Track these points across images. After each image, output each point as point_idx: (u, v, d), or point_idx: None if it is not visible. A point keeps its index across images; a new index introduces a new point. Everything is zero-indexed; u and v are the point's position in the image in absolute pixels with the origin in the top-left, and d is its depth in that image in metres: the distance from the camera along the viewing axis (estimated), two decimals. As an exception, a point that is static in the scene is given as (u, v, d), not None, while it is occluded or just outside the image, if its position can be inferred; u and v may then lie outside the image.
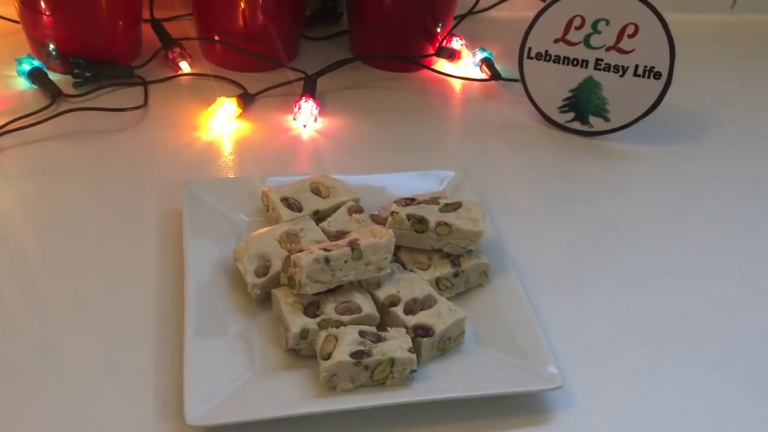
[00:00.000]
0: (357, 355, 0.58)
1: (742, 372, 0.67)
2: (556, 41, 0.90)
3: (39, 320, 0.64)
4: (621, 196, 0.85)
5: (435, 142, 0.92)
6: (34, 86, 0.90)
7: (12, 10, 0.94)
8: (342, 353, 0.58)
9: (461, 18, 1.06)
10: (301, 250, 0.63)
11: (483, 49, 1.03)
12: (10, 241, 0.71)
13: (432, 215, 0.68)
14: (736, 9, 1.24)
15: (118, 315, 0.65)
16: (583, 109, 0.92)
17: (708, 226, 0.82)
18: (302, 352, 0.61)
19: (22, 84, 0.91)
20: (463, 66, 1.04)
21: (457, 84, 1.02)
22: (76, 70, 0.91)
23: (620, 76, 0.89)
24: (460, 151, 0.92)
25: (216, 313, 0.64)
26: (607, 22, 0.87)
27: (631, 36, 0.87)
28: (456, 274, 0.68)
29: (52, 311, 0.65)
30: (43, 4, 0.88)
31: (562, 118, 0.93)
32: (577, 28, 0.89)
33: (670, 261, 0.77)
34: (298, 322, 0.61)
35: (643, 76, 0.89)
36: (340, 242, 0.64)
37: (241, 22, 0.94)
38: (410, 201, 0.70)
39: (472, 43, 1.05)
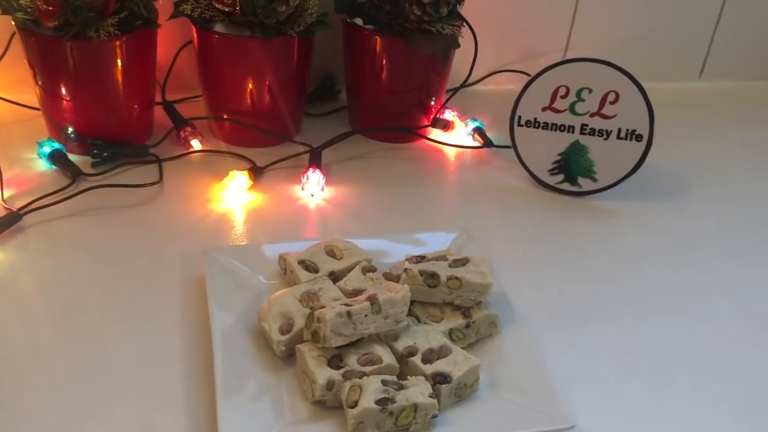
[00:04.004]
0: (382, 402, 0.61)
1: (741, 408, 0.71)
2: (543, 109, 0.97)
3: (77, 385, 0.67)
4: (611, 250, 0.91)
5: (434, 205, 0.98)
6: (54, 167, 0.95)
7: (32, 98, 1.00)
8: (368, 401, 0.61)
9: (455, 91, 1.13)
10: (322, 307, 0.67)
11: (474, 119, 1.10)
12: (38, 314, 0.75)
13: (443, 270, 0.73)
14: (703, 77, 1.34)
15: (150, 380, 0.68)
16: (571, 171, 0.99)
17: (693, 274, 0.88)
18: (328, 404, 0.65)
19: (42, 165, 0.96)
20: (456, 135, 1.11)
21: (451, 152, 1.09)
22: (95, 151, 0.96)
23: (604, 139, 0.96)
24: (457, 212, 0.98)
25: (243, 372, 0.67)
26: (590, 91, 0.95)
27: (612, 102, 0.95)
28: (467, 325, 0.72)
29: (85, 377, 0.68)
30: (63, 90, 0.94)
31: (553, 180, 1.00)
32: (563, 97, 0.96)
33: (661, 307, 0.83)
34: (324, 374, 0.64)
35: (626, 139, 0.96)
36: (359, 298, 0.68)
37: (248, 101, 1.01)
38: (421, 258, 0.75)
39: (464, 114, 1.12)
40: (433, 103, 1.08)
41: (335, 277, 0.77)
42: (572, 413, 0.64)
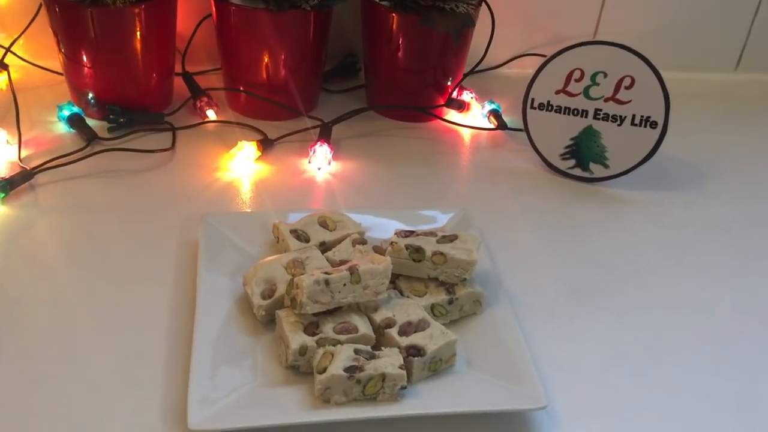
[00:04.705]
0: (350, 369, 0.62)
1: (729, 403, 0.69)
2: (557, 92, 0.96)
3: (62, 337, 0.69)
4: (617, 239, 0.89)
5: (443, 186, 0.97)
6: (73, 130, 0.98)
7: (57, 63, 1.03)
8: (336, 367, 0.62)
9: (471, 71, 1.12)
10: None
11: (491, 102, 1.09)
12: (42, 265, 0.77)
13: (429, 245, 0.72)
14: (740, 69, 1.29)
15: (134, 334, 0.70)
16: (583, 156, 0.97)
17: (700, 268, 0.85)
18: (301, 369, 0.65)
19: (61, 128, 0.99)
20: (472, 117, 1.09)
21: (465, 134, 1.08)
22: (111, 116, 0.99)
23: (618, 125, 0.94)
24: (466, 193, 0.97)
25: (223, 331, 0.68)
26: (605, 75, 0.93)
27: (627, 87, 0.92)
28: (450, 302, 0.71)
29: (74, 329, 0.70)
30: (84, 57, 0.97)
31: (564, 165, 0.98)
32: (577, 81, 0.94)
33: (662, 298, 0.80)
34: (297, 339, 0.65)
35: (640, 125, 0.93)
36: (341, 267, 0.68)
37: (264, 74, 1.02)
38: (409, 233, 0.75)
39: (482, 97, 1.11)
40: (449, 83, 1.07)
41: (325, 247, 0.77)
42: (545, 394, 0.63)
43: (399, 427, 0.63)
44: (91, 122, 0.99)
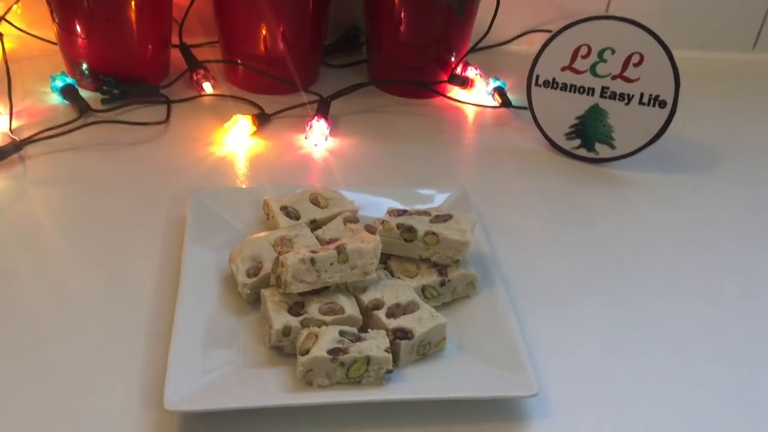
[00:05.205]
0: (334, 351, 0.60)
1: (729, 392, 0.66)
2: (563, 69, 0.92)
3: (45, 310, 0.68)
4: (621, 221, 0.86)
5: (443, 164, 0.94)
6: (66, 101, 0.96)
7: (52, 33, 1.01)
8: (319, 349, 0.60)
9: (474, 45, 1.09)
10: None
11: (496, 79, 1.06)
12: (28, 237, 0.76)
13: (421, 225, 0.70)
14: (757, 48, 1.24)
15: (115, 309, 0.68)
16: (589, 136, 0.93)
17: (705, 254, 0.82)
18: (285, 350, 0.63)
19: (55, 99, 0.97)
20: (476, 94, 1.06)
21: (469, 111, 1.05)
22: (105, 88, 0.96)
23: (626, 104, 0.91)
24: (466, 173, 0.94)
25: (206, 310, 0.66)
26: (613, 51, 0.89)
27: (636, 65, 0.89)
28: (442, 284, 0.69)
29: (57, 303, 0.69)
30: (79, 28, 0.94)
31: (569, 145, 0.95)
32: (584, 57, 0.91)
33: (664, 284, 0.77)
34: (281, 319, 0.63)
35: (648, 105, 0.90)
36: (329, 246, 0.66)
37: (262, 47, 0.99)
38: (402, 212, 0.72)
39: (487, 73, 1.07)
40: (453, 58, 1.04)
41: (316, 225, 0.75)
42: (536, 381, 0.61)
43: (384, 412, 0.61)
44: (84, 93, 0.97)
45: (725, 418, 0.64)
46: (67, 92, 0.96)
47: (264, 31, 0.97)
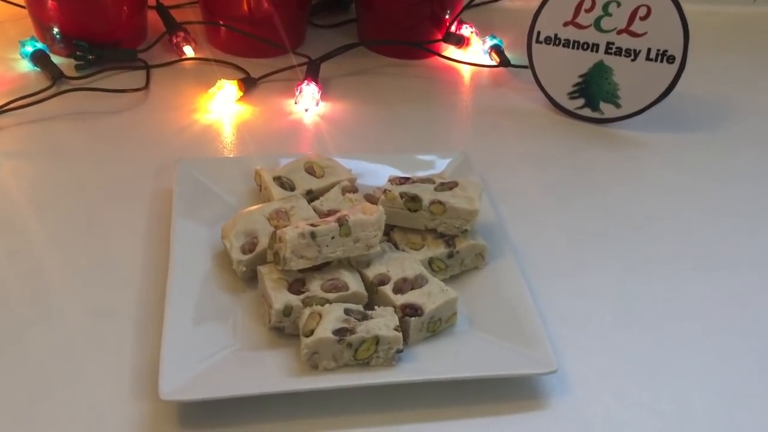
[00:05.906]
0: (340, 332, 0.56)
1: (751, 363, 0.63)
2: (565, 24, 0.88)
3: (25, 294, 0.63)
4: (630, 185, 0.82)
5: (441, 128, 0.90)
6: (37, 68, 0.90)
7: (19, -5, 0.94)
8: (324, 330, 0.56)
9: (470, 1, 1.03)
10: (287, 226, 0.61)
11: (493, 36, 1.01)
12: (3, 216, 0.71)
13: (426, 194, 0.65)
14: (758, 1, 1.20)
15: (103, 291, 0.64)
16: (593, 95, 0.89)
17: (719, 217, 0.79)
18: (286, 331, 0.59)
19: (25, 66, 0.91)
20: (472, 53, 1.02)
21: (465, 71, 1.00)
22: (79, 53, 0.90)
23: (632, 60, 0.86)
24: (466, 137, 0.90)
25: (200, 290, 0.62)
26: (618, 4, 0.85)
27: (643, 18, 0.84)
28: (450, 255, 0.65)
29: (38, 285, 0.64)
30: (47, -14, 0.88)
31: (572, 105, 0.91)
32: (587, 11, 0.86)
33: (678, 250, 0.74)
34: (281, 298, 0.59)
35: (656, 60, 0.85)
36: (329, 218, 0.62)
37: (245, 7, 0.93)
38: (405, 180, 0.68)
39: (483, 31, 1.03)
40: (447, 16, 0.98)
41: (312, 196, 0.70)
42: (555, 357, 0.57)
43: (394, 395, 0.57)
44: (56, 59, 0.91)
45: (751, 389, 0.61)
46: (38, 58, 0.90)
47: (248, -11, 0.92)
